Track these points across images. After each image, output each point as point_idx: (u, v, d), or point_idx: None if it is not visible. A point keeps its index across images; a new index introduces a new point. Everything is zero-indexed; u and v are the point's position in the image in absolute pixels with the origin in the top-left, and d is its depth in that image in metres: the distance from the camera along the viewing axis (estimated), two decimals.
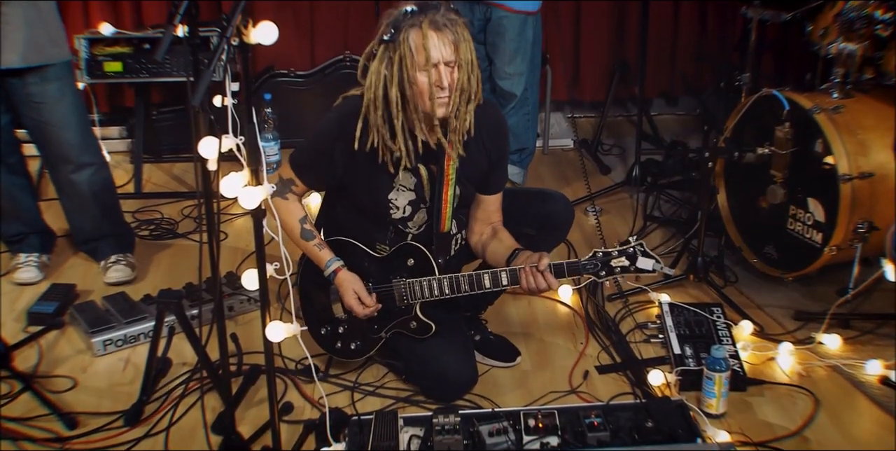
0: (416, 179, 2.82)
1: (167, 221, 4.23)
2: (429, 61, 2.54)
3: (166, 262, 3.86)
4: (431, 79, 2.56)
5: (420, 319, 2.86)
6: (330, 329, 2.99)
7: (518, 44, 4.10)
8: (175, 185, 4.65)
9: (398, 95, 2.61)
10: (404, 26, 2.55)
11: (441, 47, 2.55)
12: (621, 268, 2.70)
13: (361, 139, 2.70)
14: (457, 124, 2.68)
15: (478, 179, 2.88)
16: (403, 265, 2.86)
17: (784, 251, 3.57)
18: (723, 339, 3.19)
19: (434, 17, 2.55)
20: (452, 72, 2.59)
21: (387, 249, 2.89)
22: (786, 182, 3.48)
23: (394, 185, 2.82)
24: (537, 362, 3.17)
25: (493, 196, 2.94)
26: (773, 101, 3.44)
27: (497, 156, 2.87)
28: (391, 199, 2.84)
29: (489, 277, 2.75)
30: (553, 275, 2.69)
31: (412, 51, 2.55)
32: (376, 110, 2.64)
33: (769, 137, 3.48)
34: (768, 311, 3.45)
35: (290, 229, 2.87)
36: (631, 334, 3.31)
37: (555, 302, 3.53)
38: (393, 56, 2.58)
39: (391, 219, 2.88)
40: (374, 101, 2.64)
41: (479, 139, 2.78)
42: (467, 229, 3.00)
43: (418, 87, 2.59)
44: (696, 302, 3.43)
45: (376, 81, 2.62)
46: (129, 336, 3.25)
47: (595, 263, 2.71)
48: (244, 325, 3.40)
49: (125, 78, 4.42)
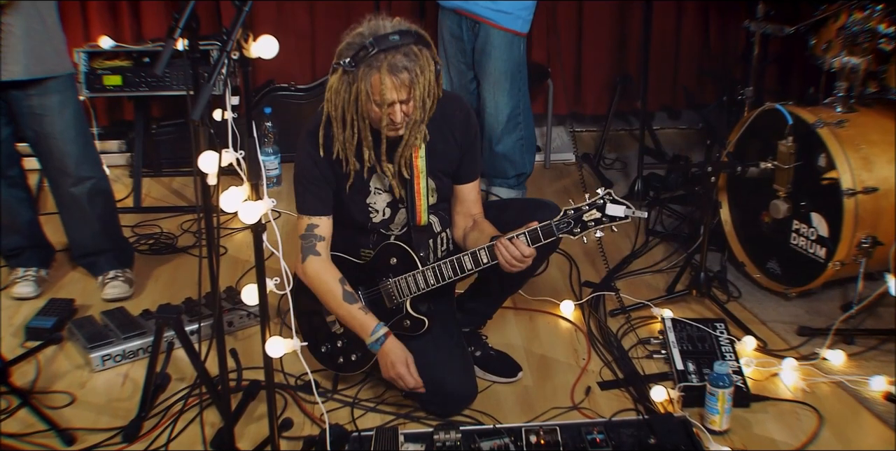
0: (387, 179, 2.84)
1: (166, 235, 4.23)
2: (383, 103, 2.60)
3: (165, 276, 3.86)
4: (385, 114, 2.62)
5: (412, 316, 2.87)
6: (330, 346, 2.99)
7: (505, 64, 4.06)
8: (174, 199, 4.66)
9: (353, 119, 2.68)
10: (363, 64, 2.57)
11: (395, 91, 2.59)
12: (594, 221, 2.68)
13: (326, 148, 2.74)
14: (404, 150, 2.76)
15: (451, 170, 2.91)
16: (387, 266, 2.88)
17: (787, 266, 3.57)
18: (726, 355, 3.18)
19: (393, 59, 2.55)
20: (406, 106, 2.64)
21: (371, 253, 2.90)
22: (789, 197, 3.49)
23: (369, 189, 2.85)
24: (539, 378, 3.16)
25: (469, 185, 2.96)
26: (776, 115, 3.45)
27: (467, 145, 2.90)
28: (369, 203, 2.87)
29: (469, 258, 2.76)
30: (527, 241, 2.69)
31: (368, 90, 2.59)
32: (336, 125, 2.71)
33: (772, 152, 3.48)
34: (772, 326, 3.45)
35: (328, 292, 2.84)
36: (633, 349, 3.31)
37: (556, 317, 3.52)
38: (351, 85, 2.62)
39: (373, 224, 2.90)
40: (334, 117, 2.71)
41: (447, 131, 2.83)
42: (451, 225, 3.01)
43: (373, 118, 2.67)
44: (698, 318, 3.43)
45: (335, 101, 2.68)
46: (127, 351, 3.25)
47: (567, 221, 2.68)
48: (244, 340, 3.40)
49: (125, 91, 4.43)
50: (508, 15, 3.96)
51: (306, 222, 2.85)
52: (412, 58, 2.57)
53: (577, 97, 5.41)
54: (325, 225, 2.85)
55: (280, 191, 4.73)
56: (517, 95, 4.16)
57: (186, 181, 4.83)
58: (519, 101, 4.19)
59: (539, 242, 2.69)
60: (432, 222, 2.95)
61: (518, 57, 4.08)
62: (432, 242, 2.98)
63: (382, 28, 2.58)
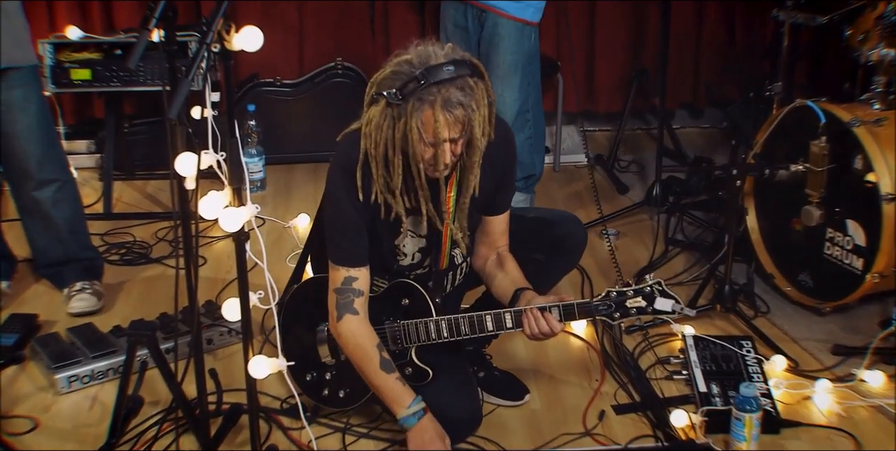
0: (425, 223, 2.82)
1: (140, 244, 4.23)
2: (438, 142, 2.54)
3: (138, 290, 3.86)
4: (436, 154, 2.57)
5: (416, 364, 2.85)
6: (316, 375, 2.98)
7: (514, 56, 4.05)
8: (149, 205, 4.66)
9: (398, 159, 2.61)
10: (413, 98, 2.50)
11: (448, 129, 2.53)
12: (637, 309, 2.69)
13: (365, 191, 2.68)
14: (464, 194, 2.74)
15: (483, 203, 2.88)
16: (397, 305, 2.86)
17: (821, 279, 3.57)
18: (753, 376, 3.18)
19: (448, 93, 2.49)
20: (457, 146, 2.59)
21: (384, 284, 2.88)
22: (822, 202, 3.49)
23: (401, 230, 2.83)
24: (548, 401, 3.16)
25: (499, 217, 2.94)
26: (807, 113, 3.45)
27: (503, 173, 2.87)
28: (398, 244, 2.85)
29: (492, 320, 2.75)
30: (559, 317, 2.69)
31: (419, 129, 2.52)
32: (377, 166, 2.63)
33: (803, 153, 3.48)
34: (804, 344, 3.44)
35: (364, 358, 2.78)
36: (651, 370, 3.30)
37: (567, 334, 3.52)
38: (397, 121, 2.55)
39: (399, 267, 2.88)
40: (374, 157, 2.62)
41: (487, 157, 2.76)
42: (472, 253, 3.00)
43: (418, 156, 2.60)
44: (723, 335, 3.42)
45: (377, 137, 2.59)
46: (96, 372, 3.24)
47: (608, 303, 2.70)
48: (224, 359, 3.39)
49: (94, 87, 4.43)
50: (518, 2, 3.96)
51: (343, 275, 2.77)
52: (468, 92, 2.51)
53: (590, 93, 5.42)
54: (364, 277, 2.79)
55: (264, 196, 4.73)
56: (526, 90, 4.16)
57: (162, 185, 4.83)
58: (528, 96, 4.19)
59: (573, 319, 2.71)
60: (454, 256, 2.95)
61: (529, 48, 4.08)
62: (451, 274, 2.98)
63: (434, 57, 2.52)
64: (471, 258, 3.01)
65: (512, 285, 2.84)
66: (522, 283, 2.85)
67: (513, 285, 2.84)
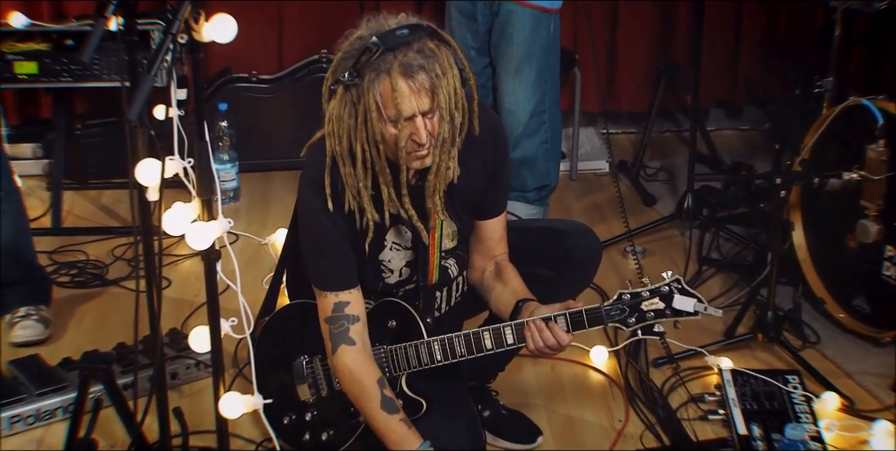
0: (410, 234, 2.83)
1: (94, 263, 4.23)
2: (400, 116, 2.54)
3: (92, 316, 3.86)
4: (405, 134, 2.57)
5: (407, 395, 2.85)
6: (295, 418, 2.97)
7: (529, 49, 4.07)
8: (104, 218, 4.67)
9: (364, 150, 2.61)
10: (368, 70, 2.52)
11: (413, 97, 2.53)
12: (655, 312, 2.69)
13: (336, 199, 2.69)
14: (436, 180, 2.69)
15: (475, 203, 2.89)
16: (383, 328, 2.86)
17: (879, 304, 3.57)
18: (801, 416, 3.18)
19: (406, 57, 2.51)
20: (431, 121, 2.59)
21: (369, 305, 2.88)
22: (880, 216, 3.49)
23: (384, 243, 2.83)
24: (563, 444, 3.16)
25: (494, 221, 2.95)
26: (863, 112, 3.46)
27: (495, 171, 2.87)
28: (382, 260, 2.85)
29: (490, 335, 2.75)
30: (567, 327, 2.69)
31: (379, 104, 2.53)
32: (343, 164, 2.64)
33: (858, 159, 3.49)
34: (859, 380, 3.44)
35: (362, 396, 2.78)
36: (683, 409, 3.30)
37: (585, 367, 3.52)
38: (357, 104, 2.56)
39: (385, 285, 2.88)
40: (340, 155, 2.63)
41: (470, 155, 2.77)
42: (468, 265, 3.00)
43: (388, 142, 2.59)
44: (766, 369, 3.43)
45: (338, 130, 2.61)
46: (42, 411, 3.24)
47: (621, 307, 2.69)
48: (191, 396, 3.39)
49: (41, 82, 4.43)
50: None
51: (332, 301, 2.77)
52: (428, 55, 2.53)
53: (612, 90, 5.43)
54: (357, 300, 2.79)
55: (238, 208, 4.74)
56: (543, 88, 4.17)
57: (120, 196, 4.84)
58: (545, 94, 4.20)
59: (582, 328, 2.70)
60: (447, 266, 2.95)
61: (546, 40, 4.09)
62: (446, 289, 2.98)
63: (386, 25, 2.56)
64: (467, 271, 3.01)
65: (513, 297, 2.84)
66: (525, 293, 2.85)
67: (513, 296, 2.84)
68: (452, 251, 2.93)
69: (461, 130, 2.65)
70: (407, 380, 2.86)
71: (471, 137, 2.70)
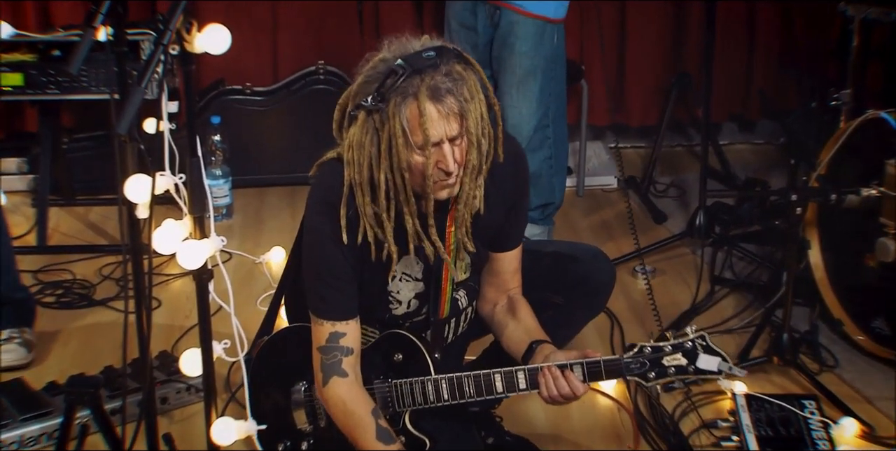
0: (423, 265, 2.82)
1: (80, 283, 4.23)
2: (428, 142, 2.51)
3: (78, 338, 3.86)
4: (432, 162, 2.54)
5: (410, 432, 2.84)
6: (290, 445, 2.96)
7: (532, 61, 4.08)
8: (92, 236, 4.67)
9: (388, 179, 2.59)
10: (393, 95, 2.49)
11: (443, 123, 2.51)
12: (676, 368, 2.69)
13: (350, 231, 2.66)
14: (465, 210, 2.68)
15: (492, 235, 2.89)
16: (388, 361, 2.85)
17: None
18: (818, 443, 3.17)
19: (434, 81, 2.48)
20: (458, 147, 2.57)
21: (374, 335, 2.88)
22: None
23: (394, 273, 2.83)
24: None
25: (510, 253, 2.94)
26: (881, 126, 3.46)
27: (514, 200, 2.87)
28: (391, 291, 2.85)
29: (501, 378, 2.74)
30: (583, 376, 2.68)
31: (405, 130, 2.51)
32: (362, 194, 2.62)
33: (877, 175, 3.49)
34: (879, 405, 3.44)
35: (357, 427, 2.76)
36: (695, 435, 3.30)
37: (593, 392, 3.51)
38: (380, 130, 2.53)
39: (392, 316, 2.88)
40: (359, 184, 2.60)
41: (495, 179, 2.76)
42: (479, 297, 3.00)
43: (414, 170, 2.57)
44: (782, 393, 3.42)
45: (359, 158, 2.57)
46: (26, 438, 3.23)
47: (641, 361, 2.69)
48: (182, 422, 3.39)
49: (27, 94, 4.44)
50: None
51: (328, 331, 2.75)
52: (456, 78, 2.51)
53: (620, 103, 5.44)
54: (354, 332, 2.77)
55: (231, 226, 4.74)
56: (547, 101, 4.18)
57: (108, 213, 4.84)
58: (549, 108, 4.20)
59: (599, 379, 2.70)
60: (458, 298, 2.95)
61: (550, 51, 4.10)
62: (454, 320, 2.98)
63: (410, 48, 2.54)
64: (477, 303, 3.01)
65: (526, 337, 2.84)
66: (538, 334, 2.85)
67: (527, 335, 2.84)
68: (464, 283, 2.93)
69: (488, 157, 2.64)
70: (411, 416, 2.85)
71: (493, 165, 2.69)
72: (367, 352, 2.86)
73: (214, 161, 4.73)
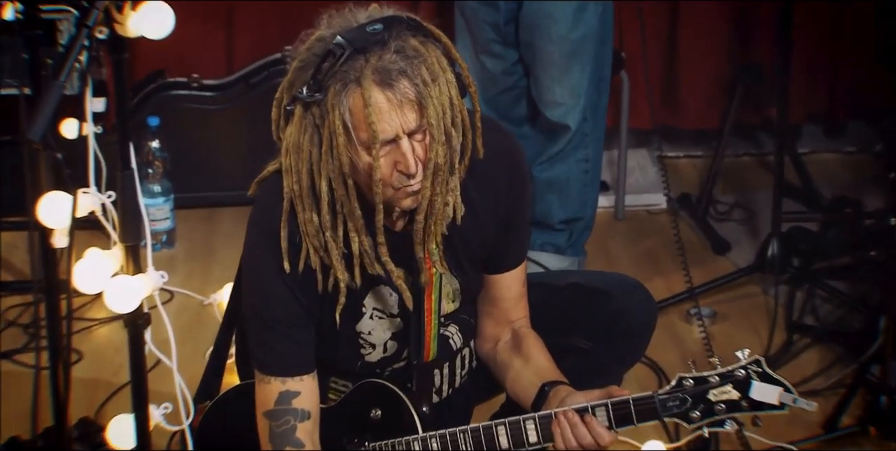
0: (396, 296, 2.81)
1: None
2: (376, 139, 2.48)
3: None
4: (387, 163, 2.52)
5: None
6: None
7: (572, 46, 4.12)
8: None
9: (331, 188, 2.58)
10: (332, 81, 2.48)
11: (396, 114, 2.49)
12: (727, 404, 2.66)
13: (293, 257, 2.65)
14: (430, 221, 2.65)
15: (483, 253, 2.88)
16: (364, 419, 2.86)
17: None
18: None
19: (381, 60, 2.46)
20: (421, 143, 2.54)
21: (345, 388, 2.88)
22: None
23: (362, 310, 2.82)
24: None
25: (510, 274, 2.93)
26: None
27: (511, 209, 2.86)
28: (360, 332, 2.85)
29: (506, 431, 2.73)
30: (608, 421, 2.67)
31: (348, 123, 2.49)
32: (304, 210, 2.61)
33: None
34: None
35: None
36: None
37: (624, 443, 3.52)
38: (321, 127, 2.53)
39: (364, 364, 2.87)
40: (299, 196, 2.60)
41: (478, 190, 2.76)
42: (476, 334, 3.00)
43: (362, 174, 2.56)
44: None
45: (297, 164, 2.57)
46: None
47: (681, 396, 2.68)
48: None
49: None
50: None
51: (277, 390, 2.74)
52: (411, 55, 2.49)
53: (671, 101, 5.46)
54: (310, 391, 2.76)
55: (173, 257, 4.76)
56: (587, 93, 4.19)
57: (15, 240, 4.85)
58: (591, 100, 4.21)
59: (629, 423, 2.65)
60: (448, 336, 2.94)
61: (592, 32, 4.12)
62: (447, 366, 2.98)
63: (353, 21, 2.52)
64: (474, 342, 3.01)
65: (536, 378, 2.82)
66: (552, 374, 2.83)
67: (538, 377, 2.82)
68: (454, 316, 2.92)
69: (462, 153, 2.63)
70: None
71: (475, 163, 2.68)
72: (336, 409, 2.87)
73: (152, 174, 4.74)
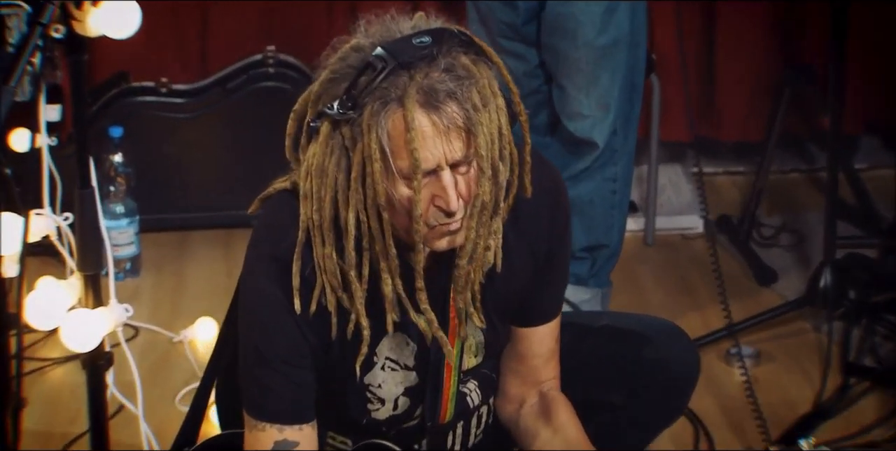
0: (414, 346, 2.81)
1: None
2: (418, 168, 2.43)
3: None
4: (425, 197, 2.47)
5: None
6: None
7: (600, 52, 4.13)
8: None
9: (360, 221, 2.53)
10: (370, 99, 2.43)
11: (442, 142, 2.44)
12: None
13: (304, 296, 2.61)
14: (471, 267, 2.65)
15: (515, 303, 2.89)
16: None
17: None
18: None
19: (429, 79, 2.42)
20: (465, 177, 2.51)
21: (345, 446, 2.88)
22: None
23: (374, 360, 2.82)
24: None
25: (542, 328, 2.92)
26: None
27: (550, 250, 2.86)
28: (369, 384, 2.83)
29: None
30: None
31: (386, 148, 2.44)
32: (324, 244, 2.57)
33: None
34: None
35: None
36: None
37: None
38: (351, 150, 2.48)
39: (371, 420, 2.85)
40: (318, 227, 2.56)
41: (520, 223, 2.75)
42: (500, 393, 3.00)
43: (397, 209, 2.51)
44: None
45: (320, 190, 2.52)
46: None
47: None
48: None
49: None
50: None
51: (272, 438, 2.71)
52: (461, 75, 2.44)
53: (708, 110, 5.47)
54: (309, 444, 2.73)
55: (138, 287, 4.76)
56: (618, 104, 4.20)
57: None
58: (620, 113, 4.22)
59: None
60: (466, 393, 2.94)
61: (623, 35, 4.12)
62: (461, 425, 2.98)
63: (396, 31, 2.48)
64: (495, 400, 3.01)
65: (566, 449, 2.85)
66: (583, 445, 2.85)
67: (567, 448, 2.85)
68: (475, 371, 2.91)
69: (508, 191, 2.60)
70: None
71: (518, 202, 2.66)
72: None
73: (115, 193, 4.74)
